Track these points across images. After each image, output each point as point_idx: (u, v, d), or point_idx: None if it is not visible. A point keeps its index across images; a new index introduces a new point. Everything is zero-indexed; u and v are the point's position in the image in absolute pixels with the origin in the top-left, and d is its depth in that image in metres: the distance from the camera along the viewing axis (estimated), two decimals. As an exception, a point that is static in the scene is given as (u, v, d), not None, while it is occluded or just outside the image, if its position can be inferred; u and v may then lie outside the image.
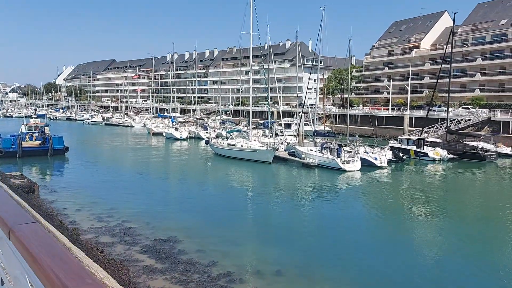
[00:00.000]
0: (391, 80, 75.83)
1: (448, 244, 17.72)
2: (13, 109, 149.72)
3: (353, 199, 26.28)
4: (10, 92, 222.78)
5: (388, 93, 75.71)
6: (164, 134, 66.04)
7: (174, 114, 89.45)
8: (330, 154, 35.29)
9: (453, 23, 45.78)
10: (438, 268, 14.88)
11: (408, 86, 66.05)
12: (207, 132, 61.03)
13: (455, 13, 45.00)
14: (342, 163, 33.82)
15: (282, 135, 50.13)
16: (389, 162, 36.77)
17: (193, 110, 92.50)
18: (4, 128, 67.07)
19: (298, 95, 57.18)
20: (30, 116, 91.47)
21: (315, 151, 37.20)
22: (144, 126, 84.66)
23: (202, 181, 32.19)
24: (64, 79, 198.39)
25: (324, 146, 36.30)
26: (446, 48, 47.19)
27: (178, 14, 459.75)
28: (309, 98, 58.13)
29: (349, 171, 33.56)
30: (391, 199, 26.57)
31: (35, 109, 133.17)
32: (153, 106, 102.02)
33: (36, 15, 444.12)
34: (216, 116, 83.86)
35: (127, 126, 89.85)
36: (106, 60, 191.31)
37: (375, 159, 35.65)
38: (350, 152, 36.53)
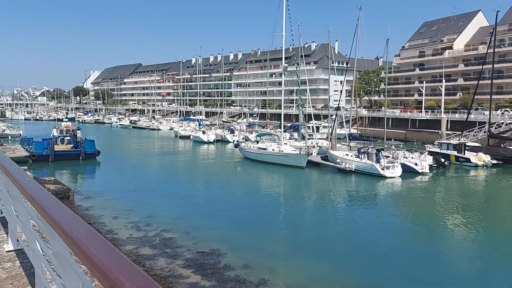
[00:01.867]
0: (424, 82, 73.35)
1: (494, 259, 16.37)
2: (43, 112, 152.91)
3: (399, 208, 24.85)
4: (39, 95, 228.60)
5: (420, 95, 73.26)
6: (191, 137, 65.72)
7: (200, 117, 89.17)
8: (368, 159, 33.79)
9: (496, 22, 43.45)
10: (479, 283, 13.86)
11: (442, 88, 63.64)
12: (234, 135, 60.21)
13: (497, 11, 42.89)
14: (382, 169, 32.22)
15: (312, 138, 48.76)
16: (430, 168, 34.97)
17: (220, 113, 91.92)
18: (35, 131, 68.02)
19: (330, 97, 55.79)
20: (61, 120, 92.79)
21: (351, 155, 35.75)
22: (171, 129, 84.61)
23: (235, 187, 31.24)
24: (91, 83, 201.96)
25: (362, 150, 34.78)
26: (488, 48, 44.90)
27: (203, 18, 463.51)
28: (335, 101, 56.79)
29: (390, 177, 31.93)
30: (437, 208, 24.93)
31: (67, 112, 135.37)
32: (180, 109, 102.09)
33: (63, 21, 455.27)
34: (242, 119, 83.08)
35: (154, 129, 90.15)
36: (132, 64, 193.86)
37: (416, 164, 33.94)
38: (388, 157, 34.89)
